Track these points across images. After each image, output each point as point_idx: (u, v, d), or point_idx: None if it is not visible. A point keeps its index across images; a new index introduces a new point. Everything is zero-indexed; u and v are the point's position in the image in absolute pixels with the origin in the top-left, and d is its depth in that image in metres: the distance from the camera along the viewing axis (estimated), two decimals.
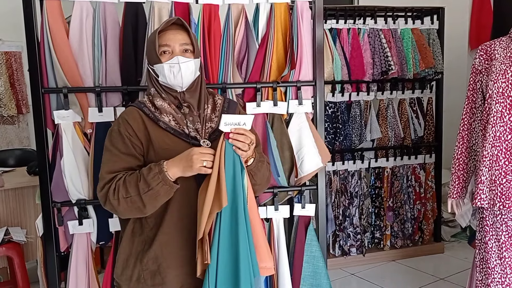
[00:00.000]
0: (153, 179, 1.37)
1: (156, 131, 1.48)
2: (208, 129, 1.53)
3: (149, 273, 1.47)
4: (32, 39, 1.99)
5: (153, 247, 1.47)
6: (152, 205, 1.42)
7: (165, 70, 1.47)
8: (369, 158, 3.60)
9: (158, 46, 1.48)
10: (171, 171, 1.38)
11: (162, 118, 1.49)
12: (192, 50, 1.52)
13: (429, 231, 3.78)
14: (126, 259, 1.52)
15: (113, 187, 1.42)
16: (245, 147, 1.41)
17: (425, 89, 3.72)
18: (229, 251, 1.41)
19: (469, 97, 2.06)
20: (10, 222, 3.00)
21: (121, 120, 1.50)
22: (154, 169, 1.38)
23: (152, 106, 1.52)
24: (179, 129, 1.49)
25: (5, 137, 4.63)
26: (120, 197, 1.41)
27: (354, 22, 3.44)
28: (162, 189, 1.38)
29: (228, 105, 1.61)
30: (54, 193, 2.06)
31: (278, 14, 2.21)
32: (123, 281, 1.53)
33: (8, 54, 4.55)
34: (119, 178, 1.43)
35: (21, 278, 2.73)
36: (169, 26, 1.51)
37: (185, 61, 1.48)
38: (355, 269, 3.52)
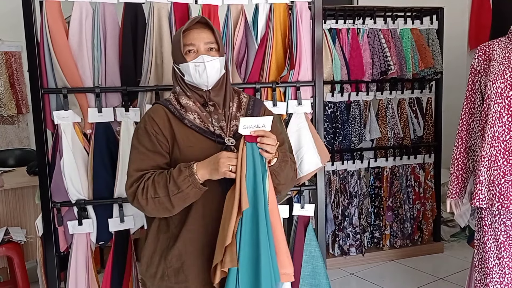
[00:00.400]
0: (183, 181, 1.38)
1: (181, 129, 1.49)
2: (233, 127, 1.53)
3: (173, 270, 1.48)
4: (32, 40, 2.00)
5: (177, 244, 1.48)
6: (180, 206, 1.44)
7: (191, 69, 1.48)
8: (368, 158, 3.61)
9: (183, 46, 1.49)
10: (200, 173, 1.39)
11: (187, 116, 1.50)
12: (217, 49, 1.52)
13: (428, 230, 3.78)
14: (150, 256, 1.53)
15: (141, 186, 1.43)
16: (273, 149, 1.42)
17: (424, 89, 3.72)
18: (250, 256, 1.40)
19: (467, 98, 2.06)
20: (10, 222, 3.01)
21: (147, 118, 1.51)
22: (185, 172, 1.39)
23: (177, 104, 1.53)
24: (204, 127, 1.50)
25: (5, 137, 4.63)
26: (148, 197, 1.42)
27: (354, 22, 3.44)
28: (192, 192, 1.40)
29: (253, 103, 1.61)
30: (53, 193, 2.06)
31: (277, 15, 2.21)
32: (147, 278, 1.54)
33: (8, 54, 4.55)
34: (147, 177, 1.44)
35: (21, 278, 2.73)
36: (194, 25, 1.52)
37: (210, 60, 1.48)
38: (354, 268, 3.53)
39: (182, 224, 1.49)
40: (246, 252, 1.39)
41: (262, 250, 1.39)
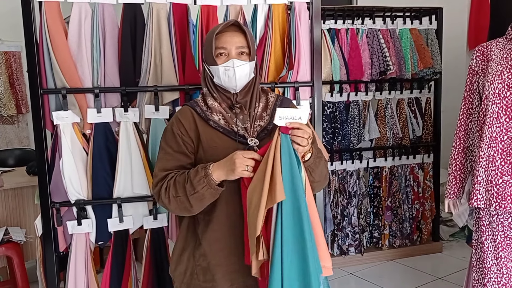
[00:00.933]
0: (198, 182, 1.39)
1: (206, 130, 1.51)
2: (257, 127, 1.53)
3: (201, 269, 1.50)
4: (31, 40, 2.00)
5: (202, 244, 1.50)
6: (199, 206, 1.45)
7: (220, 72, 1.49)
8: (367, 158, 3.61)
9: (215, 48, 1.50)
10: (216, 174, 1.40)
11: (212, 117, 1.52)
12: (248, 53, 1.52)
13: (427, 230, 3.79)
14: (180, 254, 1.56)
15: (164, 186, 1.46)
16: (304, 142, 1.38)
17: (423, 89, 3.73)
18: (295, 249, 1.36)
19: (466, 98, 2.07)
20: (9, 222, 3.01)
21: (175, 120, 1.55)
22: (200, 173, 1.40)
23: (204, 105, 1.55)
24: (228, 127, 1.51)
25: (5, 137, 4.64)
26: (170, 196, 1.45)
27: (353, 23, 3.45)
28: (207, 192, 1.40)
29: (280, 102, 1.61)
30: (53, 194, 2.07)
31: (276, 15, 2.22)
32: (176, 276, 1.56)
33: (8, 54, 4.56)
34: (171, 177, 1.47)
35: (21, 278, 2.74)
36: (227, 28, 1.52)
37: (240, 65, 1.49)
38: (353, 268, 3.53)
39: (207, 224, 1.50)
40: (290, 244, 1.35)
41: (307, 242, 1.35)
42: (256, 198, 1.35)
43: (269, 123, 1.55)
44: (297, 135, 1.37)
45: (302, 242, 1.36)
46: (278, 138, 1.36)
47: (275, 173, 1.34)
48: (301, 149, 1.39)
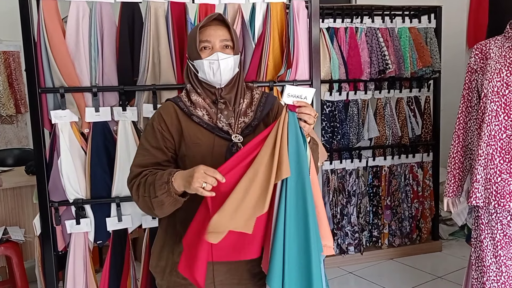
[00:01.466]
0: (160, 187, 1.36)
1: (189, 125, 1.49)
2: (241, 124, 1.52)
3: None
4: (29, 39, 2.00)
5: (182, 241, 1.46)
6: (160, 211, 1.41)
7: (205, 66, 1.48)
8: (366, 157, 3.61)
9: (199, 42, 1.48)
10: (176, 183, 1.34)
11: (195, 112, 1.50)
12: (232, 46, 1.51)
13: (427, 229, 3.79)
14: (160, 251, 1.54)
15: (136, 183, 1.44)
16: (311, 119, 1.39)
17: (422, 88, 3.73)
18: (297, 225, 1.35)
19: (464, 96, 2.06)
20: (8, 222, 3.00)
21: (156, 115, 1.53)
22: (164, 178, 1.36)
23: (188, 101, 1.53)
24: (212, 123, 1.49)
25: (4, 136, 4.63)
26: (139, 195, 1.43)
27: (352, 21, 3.45)
28: (166, 200, 1.36)
29: (265, 100, 1.60)
30: (51, 193, 2.07)
31: (274, 14, 2.21)
32: (157, 272, 1.54)
33: (6, 53, 4.56)
34: (144, 175, 1.44)
35: (20, 277, 2.74)
36: (210, 22, 1.51)
37: (225, 58, 1.47)
38: (353, 267, 3.53)
39: (186, 222, 1.47)
40: (293, 221, 1.34)
41: (310, 220, 1.35)
42: (263, 173, 1.31)
43: (254, 119, 1.53)
44: (304, 113, 1.37)
45: (305, 219, 1.35)
46: (286, 115, 1.35)
47: (282, 150, 1.33)
48: (307, 127, 1.40)
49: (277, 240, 1.34)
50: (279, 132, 1.34)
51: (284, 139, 1.34)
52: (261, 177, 1.32)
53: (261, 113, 1.55)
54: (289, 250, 1.34)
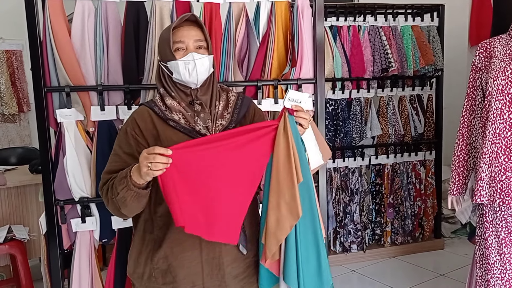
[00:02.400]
0: (119, 182, 1.34)
1: (166, 130, 1.47)
2: (219, 126, 1.50)
3: (160, 272, 1.47)
4: (35, 38, 2.00)
5: (163, 246, 1.46)
6: (126, 209, 1.40)
7: (180, 67, 1.45)
8: (369, 155, 3.62)
9: (172, 43, 1.46)
10: (135, 176, 1.32)
11: (171, 116, 1.47)
12: (206, 47, 1.50)
13: (429, 227, 3.79)
14: (137, 257, 1.52)
15: (105, 188, 1.43)
16: (306, 124, 1.42)
17: (425, 86, 3.73)
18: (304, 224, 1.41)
19: (469, 94, 2.07)
20: (12, 220, 3.01)
21: (130, 120, 1.50)
22: (122, 173, 1.35)
23: (163, 105, 1.50)
24: (189, 126, 1.47)
25: (7, 135, 4.65)
26: (108, 198, 1.41)
27: (354, 20, 3.45)
28: (127, 194, 1.34)
29: (241, 102, 1.58)
30: (57, 191, 2.07)
31: (279, 12, 2.22)
32: (135, 278, 1.53)
33: (9, 52, 4.57)
34: (112, 178, 1.42)
35: (24, 276, 2.74)
36: (183, 22, 1.49)
37: (200, 58, 1.46)
38: (355, 265, 3.54)
39: (167, 227, 1.46)
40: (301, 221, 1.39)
41: (316, 218, 1.42)
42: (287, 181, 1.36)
43: (231, 122, 1.52)
44: (301, 117, 1.40)
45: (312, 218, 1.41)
46: (287, 119, 1.38)
47: (295, 154, 1.37)
48: (302, 130, 1.43)
49: (290, 240, 1.39)
50: (289, 136, 1.36)
51: (293, 143, 1.37)
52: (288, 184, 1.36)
53: (237, 116, 1.54)
54: (301, 249, 1.40)
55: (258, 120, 1.59)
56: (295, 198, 1.35)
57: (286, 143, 1.36)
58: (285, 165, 1.36)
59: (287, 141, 1.36)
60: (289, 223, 1.37)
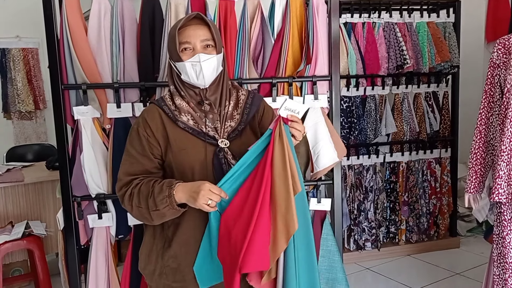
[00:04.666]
0: (161, 201, 1.36)
1: (175, 131, 1.46)
2: (228, 128, 1.49)
3: (170, 270, 1.48)
4: (52, 37, 2.02)
5: (172, 246, 1.46)
6: (159, 221, 1.43)
7: (187, 68, 1.44)
8: (384, 153, 3.60)
9: (179, 44, 1.44)
10: (178, 196, 1.35)
11: (180, 118, 1.47)
12: (214, 45, 1.47)
13: (444, 225, 3.76)
14: (148, 254, 1.53)
15: (128, 192, 1.43)
16: (300, 136, 1.41)
17: (441, 83, 3.69)
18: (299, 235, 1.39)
19: (486, 91, 2.04)
20: (30, 216, 3.06)
21: (141, 120, 1.49)
22: (164, 192, 1.36)
23: (172, 105, 1.49)
24: (198, 128, 1.46)
25: (23, 132, 4.71)
26: (133, 205, 1.42)
27: (369, 16, 3.43)
28: (169, 212, 1.37)
29: (252, 101, 1.57)
30: (74, 188, 2.10)
31: (294, 9, 2.21)
32: (146, 275, 1.55)
33: (26, 50, 4.62)
34: (135, 184, 1.43)
35: (42, 271, 2.79)
36: (189, 21, 1.46)
37: (207, 59, 1.44)
38: (370, 263, 3.52)
39: (176, 227, 1.47)
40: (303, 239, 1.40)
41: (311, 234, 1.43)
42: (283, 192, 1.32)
43: (240, 123, 1.51)
44: (295, 128, 1.39)
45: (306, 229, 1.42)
46: (282, 128, 1.35)
47: (291, 165, 1.34)
48: (294, 141, 1.41)
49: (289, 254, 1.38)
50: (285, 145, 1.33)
51: (290, 152, 1.34)
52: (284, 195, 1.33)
53: (247, 116, 1.52)
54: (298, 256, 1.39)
55: (266, 120, 1.58)
56: (291, 210, 1.31)
57: (282, 152, 1.33)
58: (281, 176, 1.32)
59: (283, 150, 1.33)
60: (285, 237, 1.32)
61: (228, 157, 1.45)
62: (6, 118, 4.64)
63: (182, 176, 1.44)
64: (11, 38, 4.57)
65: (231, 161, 1.45)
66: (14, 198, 3.02)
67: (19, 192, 3.03)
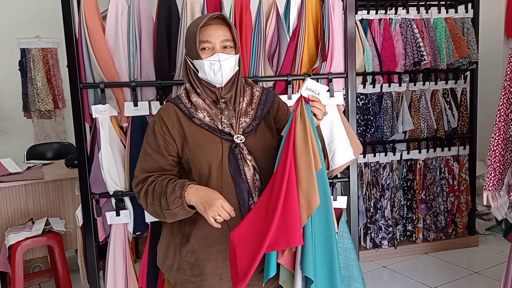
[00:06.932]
0: (173, 202, 1.39)
1: (191, 128, 1.49)
2: (242, 123, 1.52)
3: (188, 264, 1.50)
4: (70, 36, 2.05)
5: (190, 241, 1.49)
6: (172, 219, 1.46)
7: (206, 66, 1.46)
8: (401, 150, 3.57)
9: (199, 42, 1.46)
10: (189, 198, 1.38)
11: (197, 114, 1.50)
12: (233, 46, 1.50)
13: (462, 224, 3.71)
14: (166, 249, 1.56)
15: (144, 189, 1.47)
16: (321, 115, 1.43)
17: (459, 79, 3.64)
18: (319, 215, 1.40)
19: (506, 88, 2.01)
20: (49, 213, 3.12)
21: (157, 118, 1.52)
22: (176, 192, 1.39)
23: (188, 102, 1.52)
24: (214, 125, 1.49)
25: (43, 131, 4.79)
26: (148, 202, 1.46)
27: (386, 13, 3.40)
28: (180, 212, 1.41)
29: (266, 97, 1.59)
30: (92, 185, 2.13)
31: (309, 6, 2.20)
32: (164, 270, 1.58)
33: (45, 50, 4.70)
34: (151, 182, 1.46)
35: (61, 266, 2.83)
36: (211, 20, 1.48)
37: (226, 58, 1.46)
38: (386, 261, 3.50)
39: (193, 222, 1.49)
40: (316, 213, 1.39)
41: (330, 209, 1.42)
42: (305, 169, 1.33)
43: (255, 118, 1.53)
44: (316, 107, 1.41)
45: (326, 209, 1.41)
46: (303, 106, 1.38)
47: (313, 142, 1.36)
48: (315, 121, 1.43)
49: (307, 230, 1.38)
50: (307, 123, 1.35)
51: (311, 130, 1.36)
52: (306, 172, 1.33)
53: (261, 112, 1.55)
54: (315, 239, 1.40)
55: (281, 116, 1.60)
56: (313, 186, 1.32)
57: (304, 130, 1.35)
58: (303, 152, 1.34)
59: (305, 128, 1.35)
60: (307, 212, 1.33)
61: (243, 152, 1.47)
62: (26, 117, 4.73)
63: (199, 172, 1.46)
64: (31, 38, 4.65)
65: (247, 157, 1.47)
66: (34, 195, 3.08)
67: (39, 189, 3.09)
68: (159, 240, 1.62)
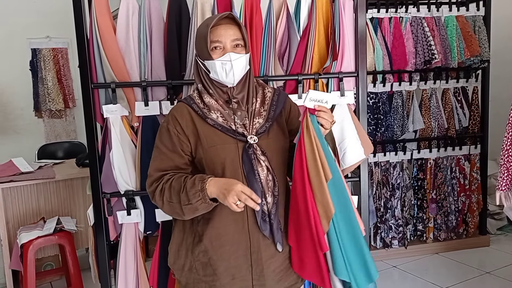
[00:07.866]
0: (194, 195, 1.38)
1: (205, 128, 1.49)
2: (256, 124, 1.52)
3: (200, 264, 1.50)
4: (82, 36, 2.06)
5: (203, 241, 1.49)
6: (191, 215, 1.45)
7: (217, 67, 1.47)
8: (411, 149, 3.54)
9: (210, 42, 1.46)
10: (210, 190, 1.38)
11: (210, 115, 1.50)
12: (243, 45, 1.50)
13: (474, 223, 3.69)
14: (177, 249, 1.56)
15: (159, 188, 1.46)
16: (328, 124, 1.43)
17: (470, 78, 3.61)
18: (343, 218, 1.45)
19: None
20: (61, 212, 3.13)
21: (170, 117, 1.52)
22: (197, 186, 1.39)
23: (201, 102, 1.52)
24: (227, 125, 1.49)
25: (54, 130, 4.82)
26: (164, 200, 1.45)
27: (396, 11, 3.38)
28: (201, 206, 1.40)
29: (277, 98, 1.60)
30: (103, 185, 2.14)
31: (320, 5, 2.20)
32: (175, 269, 1.58)
33: (56, 50, 4.72)
34: (166, 180, 1.46)
35: (72, 265, 2.85)
36: (221, 20, 1.48)
37: (237, 58, 1.46)
38: (397, 261, 3.49)
39: (207, 222, 1.49)
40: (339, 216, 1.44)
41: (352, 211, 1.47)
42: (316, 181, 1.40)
43: (267, 120, 1.53)
44: (322, 117, 1.41)
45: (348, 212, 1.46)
46: (309, 118, 1.40)
47: (320, 154, 1.39)
48: (323, 130, 1.44)
49: (332, 236, 1.43)
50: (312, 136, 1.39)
51: (318, 142, 1.39)
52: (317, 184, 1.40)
53: (274, 113, 1.55)
54: (343, 242, 1.44)
55: (293, 117, 1.62)
56: (326, 196, 1.39)
57: (310, 144, 1.39)
58: (312, 165, 1.40)
59: (311, 142, 1.39)
60: (326, 220, 1.41)
61: (257, 153, 1.47)
62: (37, 117, 4.76)
63: (213, 172, 1.47)
64: (41, 38, 4.67)
65: (260, 157, 1.47)
66: (45, 195, 3.10)
67: (50, 188, 3.11)
68: (170, 239, 1.62)
